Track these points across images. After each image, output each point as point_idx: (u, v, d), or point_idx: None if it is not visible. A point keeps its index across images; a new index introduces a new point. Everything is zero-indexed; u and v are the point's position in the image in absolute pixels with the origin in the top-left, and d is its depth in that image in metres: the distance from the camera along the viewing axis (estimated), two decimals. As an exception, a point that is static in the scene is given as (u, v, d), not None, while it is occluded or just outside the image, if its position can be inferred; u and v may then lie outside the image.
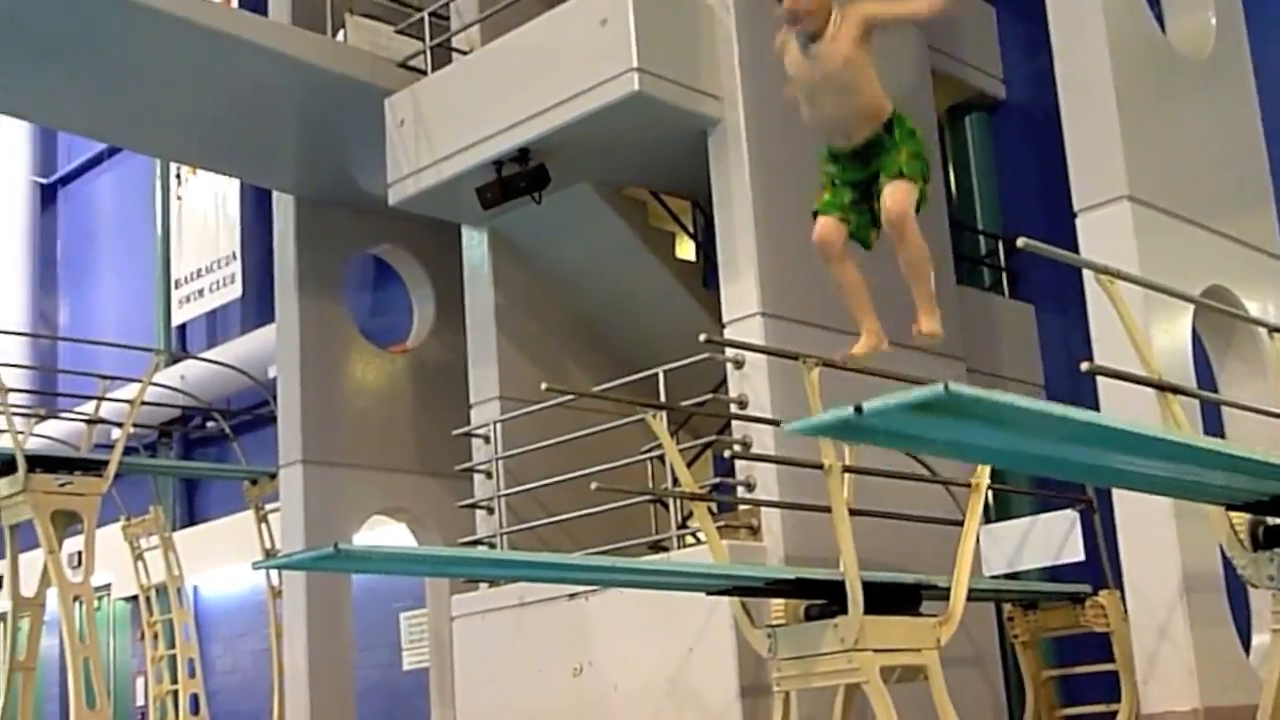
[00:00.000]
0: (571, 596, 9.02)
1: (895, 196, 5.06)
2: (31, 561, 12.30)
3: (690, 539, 9.12)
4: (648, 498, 9.16)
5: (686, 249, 11.67)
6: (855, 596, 6.98)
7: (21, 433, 12.42)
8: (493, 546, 9.67)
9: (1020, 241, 6.16)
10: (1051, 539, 8.39)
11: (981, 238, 12.33)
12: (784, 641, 7.37)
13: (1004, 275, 12.22)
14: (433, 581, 11.81)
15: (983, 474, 7.42)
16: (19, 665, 12.13)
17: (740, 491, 8.52)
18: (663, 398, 8.48)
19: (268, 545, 12.91)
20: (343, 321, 12.26)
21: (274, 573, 12.49)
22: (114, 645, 16.95)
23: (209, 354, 15.61)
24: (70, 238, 20.26)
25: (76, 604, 11.88)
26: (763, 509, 8.46)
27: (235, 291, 16.46)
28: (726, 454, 8.45)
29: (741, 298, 8.87)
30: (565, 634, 9.08)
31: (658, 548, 9.35)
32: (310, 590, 11.25)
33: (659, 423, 7.50)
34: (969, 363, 10.23)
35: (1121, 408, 7.19)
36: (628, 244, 10.57)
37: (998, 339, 11.43)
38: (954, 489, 8.24)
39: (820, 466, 6.95)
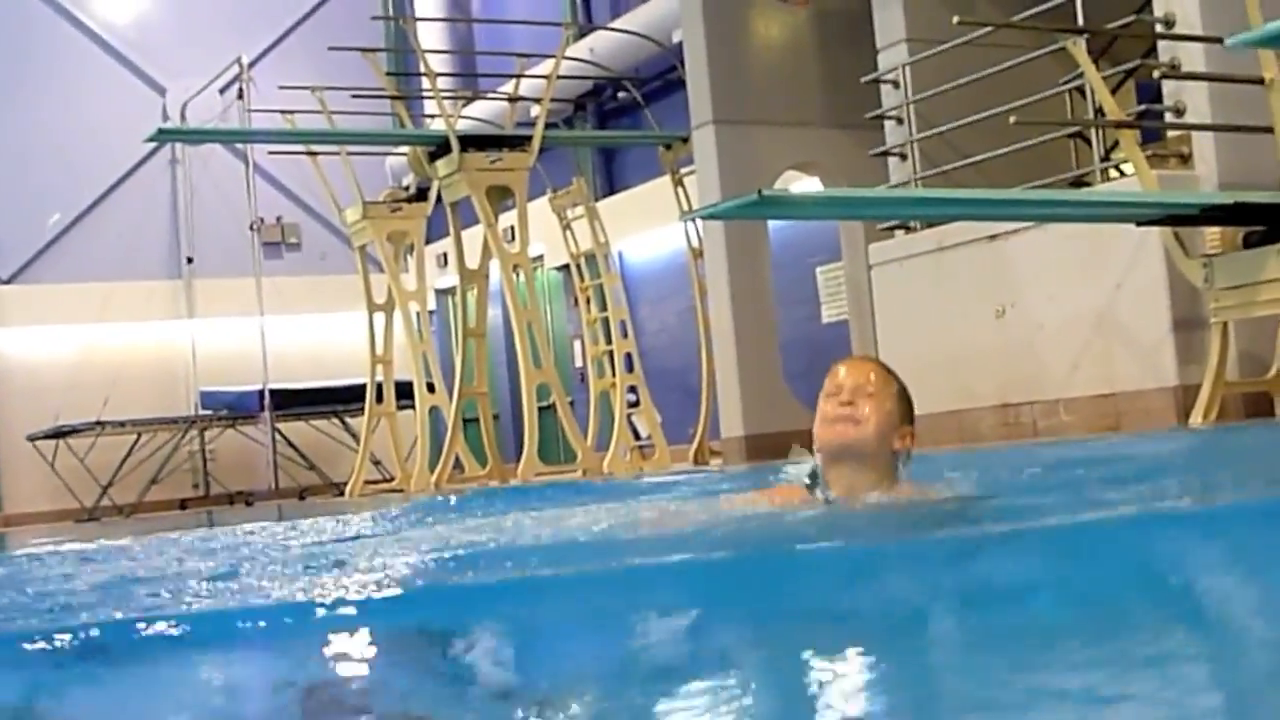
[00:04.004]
0: (991, 238, 8.93)
1: None
2: (472, 238, 13.21)
3: (1114, 173, 8.78)
4: (1068, 131, 8.82)
5: None
6: (1301, 218, 6.62)
7: (451, 116, 13.15)
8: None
9: None
10: None
11: None
12: (1221, 271, 7.13)
13: None
14: (848, 233, 11.89)
15: None
16: (470, 332, 13.24)
17: (1169, 117, 8.07)
18: (1080, 23, 8.04)
19: (685, 207, 13.29)
20: (743, -22, 12.12)
21: (694, 234, 12.89)
22: (551, 312, 18.04)
23: (615, 24, 15.82)
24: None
25: (516, 273, 12.72)
26: (1194, 135, 8.00)
27: (635, -41, 16.47)
28: (1156, 74, 7.97)
29: (1166, -93, 8.18)
30: (986, 276, 9.04)
31: (1079, 184, 9.04)
32: (730, 248, 11.57)
33: (1079, 49, 7.16)
34: None
35: None
36: None
37: None
38: None
39: (1260, 82, 6.50)
